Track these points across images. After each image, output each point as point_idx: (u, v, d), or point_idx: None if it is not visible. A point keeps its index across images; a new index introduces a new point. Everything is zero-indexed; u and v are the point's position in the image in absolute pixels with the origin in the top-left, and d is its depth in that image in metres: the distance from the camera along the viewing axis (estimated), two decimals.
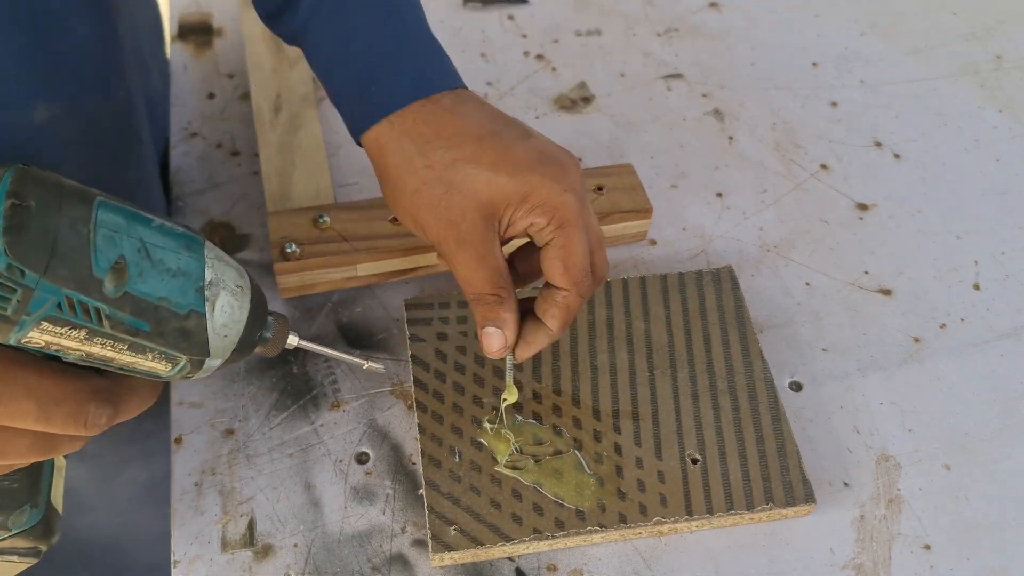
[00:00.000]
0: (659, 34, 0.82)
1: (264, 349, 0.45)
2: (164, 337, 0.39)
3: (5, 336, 0.36)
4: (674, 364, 0.58)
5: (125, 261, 0.37)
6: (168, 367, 0.40)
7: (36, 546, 0.47)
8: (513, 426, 0.55)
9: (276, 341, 0.45)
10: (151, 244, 0.38)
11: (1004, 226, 0.70)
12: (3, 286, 0.34)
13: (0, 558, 0.47)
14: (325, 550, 0.52)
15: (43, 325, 0.36)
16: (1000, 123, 0.77)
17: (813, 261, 0.67)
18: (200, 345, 0.40)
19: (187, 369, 0.41)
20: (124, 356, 0.39)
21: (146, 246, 0.38)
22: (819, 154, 0.74)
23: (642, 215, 0.65)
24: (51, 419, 0.39)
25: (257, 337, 0.43)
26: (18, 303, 0.35)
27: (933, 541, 0.54)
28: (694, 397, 0.57)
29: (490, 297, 0.48)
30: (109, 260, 0.37)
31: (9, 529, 0.45)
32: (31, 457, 0.40)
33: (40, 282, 0.35)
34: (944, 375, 0.61)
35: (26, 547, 0.47)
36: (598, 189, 0.65)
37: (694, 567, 0.52)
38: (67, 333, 0.37)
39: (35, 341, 0.37)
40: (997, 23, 0.86)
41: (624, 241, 0.66)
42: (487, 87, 0.77)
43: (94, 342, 0.38)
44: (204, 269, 0.40)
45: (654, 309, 0.60)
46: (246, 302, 0.42)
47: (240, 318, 0.41)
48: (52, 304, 0.36)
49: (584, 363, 0.58)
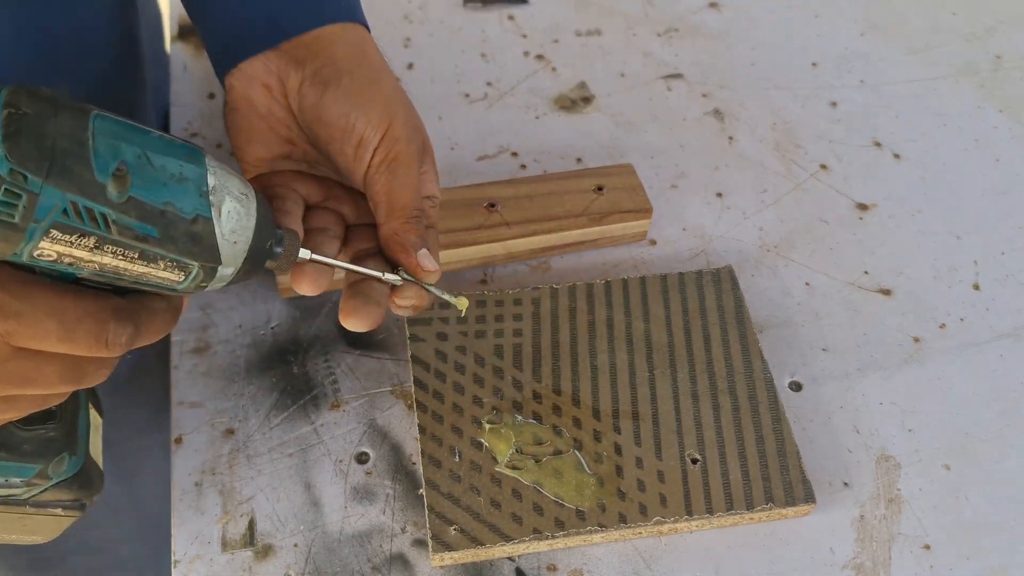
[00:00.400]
0: (659, 34, 0.82)
1: (277, 264, 0.44)
2: (174, 243, 0.39)
3: (17, 246, 0.36)
4: (674, 364, 0.58)
5: (127, 166, 0.37)
6: (181, 276, 0.40)
7: (79, 498, 0.47)
8: (513, 426, 0.55)
9: (288, 255, 0.45)
10: (151, 151, 0.38)
11: (1004, 226, 0.70)
12: (8, 192, 0.35)
13: (45, 512, 0.47)
14: (325, 550, 0.52)
15: (52, 233, 0.36)
16: (1000, 123, 0.77)
17: (813, 261, 0.67)
18: (210, 250, 0.40)
19: (200, 277, 0.41)
20: (137, 266, 0.39)
21: (146, 153, 0.38)
22: (819, 154, 0.74)
23: (642, 215, 0.65)
24: (74, 338, 0.39)
25: (268, 247, 0.43)
26: (24, 209, 0.35)
27: (933, 541, 0.54)
28: (694, 397, 0.57)
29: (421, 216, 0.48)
30: (110, 165, 0.37)
31: (50, 478, 0.46)
32: (60, 386, 0.41)
33: (44, 187, 0.35)
34: (944, 375, 0.61)
35: (69, 499, 0.47)
36: (598, 189, 0.65)
37: (694, 567, 0.52)
38: (77, 242, 0.37)
39: (46, 254, 0.37)
40: (997, 23, 0.86)
41: (624, 241, 0.66)
42: (487, 87, 0.77)
43: (105, 251, 0.38)
44: (207, 175, 0.40)
45: (654, 309, 0.60)
46: (252, 210, 0.42)
47: (248, 224, 0.41)
48: (58, 210, 0.36)
49: (584, 363, 0.58)
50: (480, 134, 0.73)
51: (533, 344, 0.58)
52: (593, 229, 0.64)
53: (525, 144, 0.72)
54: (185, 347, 0.60)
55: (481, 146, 0.72)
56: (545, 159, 0.72)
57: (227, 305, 0.62)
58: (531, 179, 0.66)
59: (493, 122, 0.74)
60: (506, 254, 0.64)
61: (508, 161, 0.71)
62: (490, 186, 0.65)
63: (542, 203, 0.64)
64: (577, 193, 0.65)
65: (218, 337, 0.60)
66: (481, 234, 0.62)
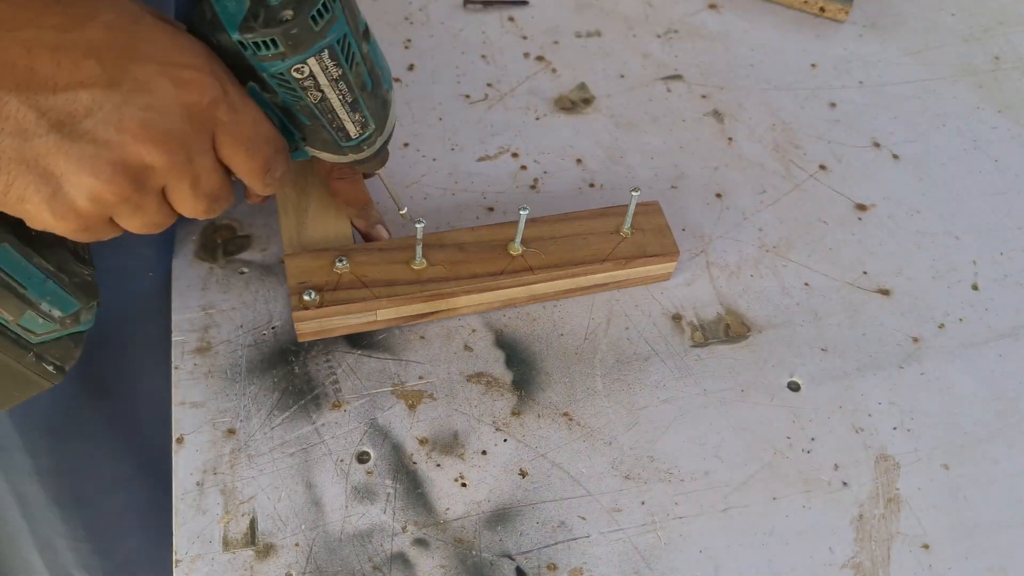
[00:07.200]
0: (659, 35, 0.83)
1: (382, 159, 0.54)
2: (374, 100, 0.49)
3: (303, 52, 0.44)
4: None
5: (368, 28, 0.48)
6: (358, 132, 0.50)
7: (64, 362, 0.49)
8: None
9: (384, 157, 0.55)
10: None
11: (1003, 226, 0.70)
12: (323, 6, 0.43)
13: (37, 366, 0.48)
14: (326, 549, 0.52)
15: (323, 55, 0.45)
16: (999, 124, 0.78)
17: (812, 261, 0.67)
18: (384, 119, 0.51)
19: (368, 136, 0.51)
20: (344, 111, 0.48)
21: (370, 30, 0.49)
22: (818, 155, 0.74)
23: (668, 258, 0.63)
24: (256, 153, 0.46)
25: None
26: (327, 23, 0.44)
27: (932, 540, 0.54)
28: None
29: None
30: (364, 23, 0.47)
31: (79, 322, 0.48)
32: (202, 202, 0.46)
33: (340, 13, 0.44)
34: (943, 375, 0.61)
35: (59, 358, 0.49)
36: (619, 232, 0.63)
37: (694, 567, 0.53)
38: (330, 71, 0.46)
39: (304, 71, 0.45)
40: (996, 24, 0.86)
41: (649, 282, 0.65)
42: (488, 88, 0.77)
43: (339, 87, 0.47)
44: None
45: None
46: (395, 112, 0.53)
47: (395, 119, 0.53)
48: (339, 35, 0.45)
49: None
50: (481, 135, 0.73)
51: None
52: (618, 272, 0.63)
53: (525, 145, 0.73)
54: (187, 347, 0.60)
55: (482, 147, 0.72)
56: (545, 160, 0.72)
57: (229, 305, 0.62)
58: (554, 218, 0.63)
59: (494, 123, 0.74)
60: (529, 296, 0.62)
61: (508, 162, 0.71)
62: (512, 226, 0.61)
63: (566, 246, 0.62)
64: (602, 235, 0.63)
65: (220, 337, 0.60)
66: (504, 280, 0.60)
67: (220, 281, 0.63)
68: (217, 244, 0.65)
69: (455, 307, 0.61)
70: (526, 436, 0.57)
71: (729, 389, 0.60)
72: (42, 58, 0.39)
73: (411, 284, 0.59)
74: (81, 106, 0.40)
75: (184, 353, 0.60)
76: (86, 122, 0.40)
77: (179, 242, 0.65)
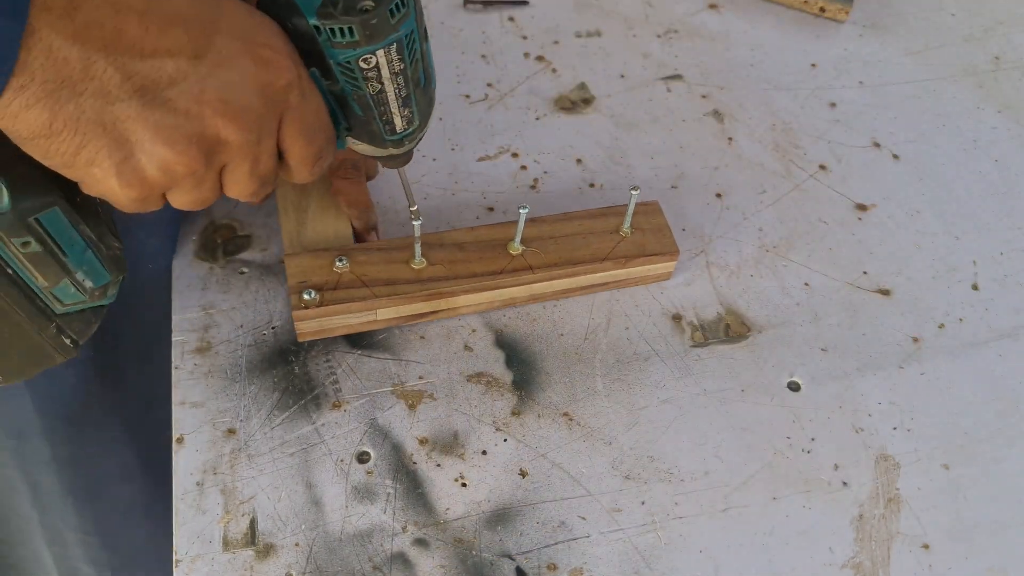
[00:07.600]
0: (659, 35, 0.83)
1: (407, 156, 0.54)
2: (425, 96, 0.50)
3: (379, 42, 0.45)
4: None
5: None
6: (404, 126, 0.50)
7: (80, 337, 0.49)
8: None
9: (410, 155, 0.55)
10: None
11: (1003, 226, 0.70)
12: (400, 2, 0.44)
13: (56, 339, 0.47)
14: (326, 549, 0.52)
15: (391, 48, 0.45)
16: (999, 124, 0.78)
17: (812, 261, 0.67)
18: (428, 116, 0.52)
19: (411, 132, 0.51)
20: (396, 104, 0.48)
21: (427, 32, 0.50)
22: (818, 155, 0.74)
23: (668, 257, 0.63)
24: (312, 138, 0.47)
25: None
26: (401, 17, 0.45)
27: (932, 540, 0.54)
28: None
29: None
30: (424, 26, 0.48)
31: (106, 295, 0.48)
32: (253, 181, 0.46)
33: (413, 10, 0.45)
34: (943, 375, 0.61)
35: (79, 331, 0.48)
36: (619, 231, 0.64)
37: (694, 567, 0.53)
38: (394, 64, 0.46)
39: (371, 63, 0.45)
40: (996, 24, 0.86)
41: (649, 281, 0.65)
42: (488, 88, 0.77)
43: (397, 81, 0.47)
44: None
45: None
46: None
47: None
48: (408, 30, 0.45)
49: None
50: (481, 135, 0.73)
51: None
52: (618, 272, 0.63)
53: (526, 145, 0.73)
54: (187, 347, 0.60)
55: (482, 147, 0.72)
56: (545, 160, 0.72)
57: (229, 305, 0.62)
58: (554, 218, 0.63)
59: (494, 123, 0.74)
60: (528, 296, 0.63)
61: (508, 162, 0.71)
62: (512, 226, 0.61)
63: (566, 245, 0.62)
64: (601, 234, 0.63)
65: (220, 337, 0.60)
66: (504, 279, 0.61)
67: (220, 281, 0.63)
68: (217, 244, 0.65)
69: (455, 307, 0.61)
70: (526, 436, 0.58)
71: (729, 389, 0.60)
72: (130, 21, 0.38)
73: (411, 283, 0.59)
74: (165, 74, 0.39)
75: (184, 353, 0.60)
76: (169, 91, 0.40)
77: (179, 242, 0.65)
